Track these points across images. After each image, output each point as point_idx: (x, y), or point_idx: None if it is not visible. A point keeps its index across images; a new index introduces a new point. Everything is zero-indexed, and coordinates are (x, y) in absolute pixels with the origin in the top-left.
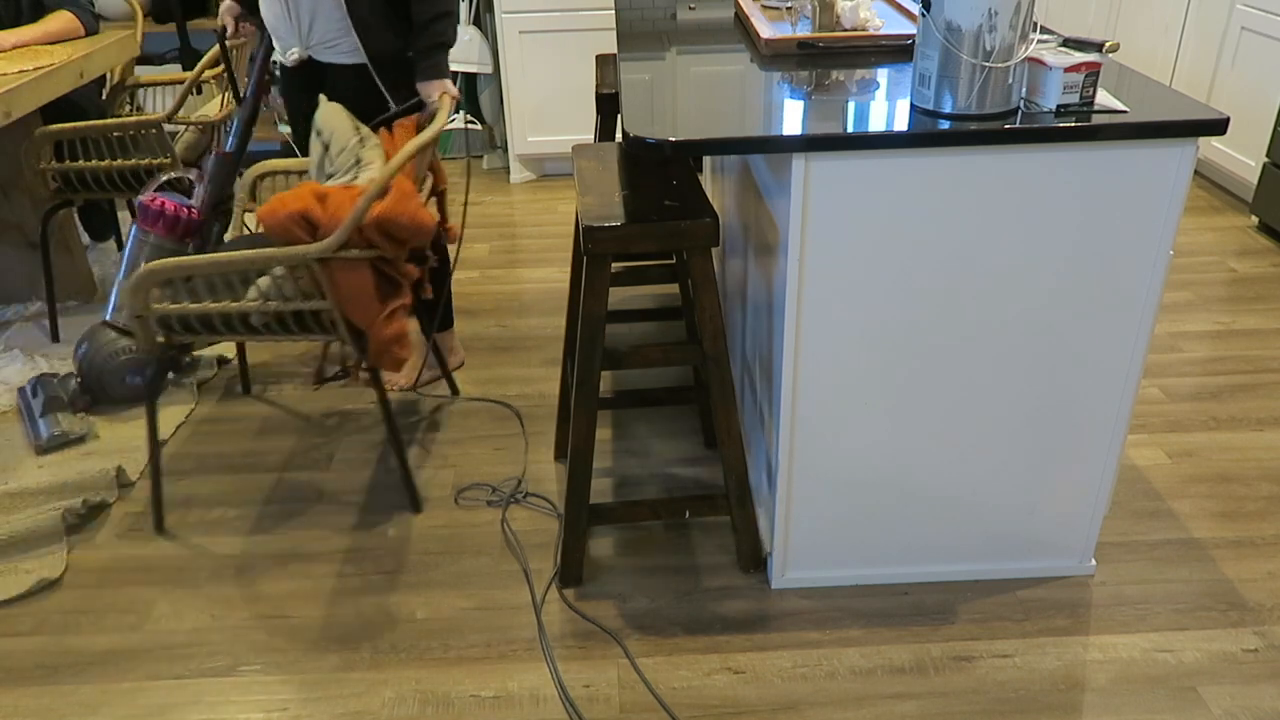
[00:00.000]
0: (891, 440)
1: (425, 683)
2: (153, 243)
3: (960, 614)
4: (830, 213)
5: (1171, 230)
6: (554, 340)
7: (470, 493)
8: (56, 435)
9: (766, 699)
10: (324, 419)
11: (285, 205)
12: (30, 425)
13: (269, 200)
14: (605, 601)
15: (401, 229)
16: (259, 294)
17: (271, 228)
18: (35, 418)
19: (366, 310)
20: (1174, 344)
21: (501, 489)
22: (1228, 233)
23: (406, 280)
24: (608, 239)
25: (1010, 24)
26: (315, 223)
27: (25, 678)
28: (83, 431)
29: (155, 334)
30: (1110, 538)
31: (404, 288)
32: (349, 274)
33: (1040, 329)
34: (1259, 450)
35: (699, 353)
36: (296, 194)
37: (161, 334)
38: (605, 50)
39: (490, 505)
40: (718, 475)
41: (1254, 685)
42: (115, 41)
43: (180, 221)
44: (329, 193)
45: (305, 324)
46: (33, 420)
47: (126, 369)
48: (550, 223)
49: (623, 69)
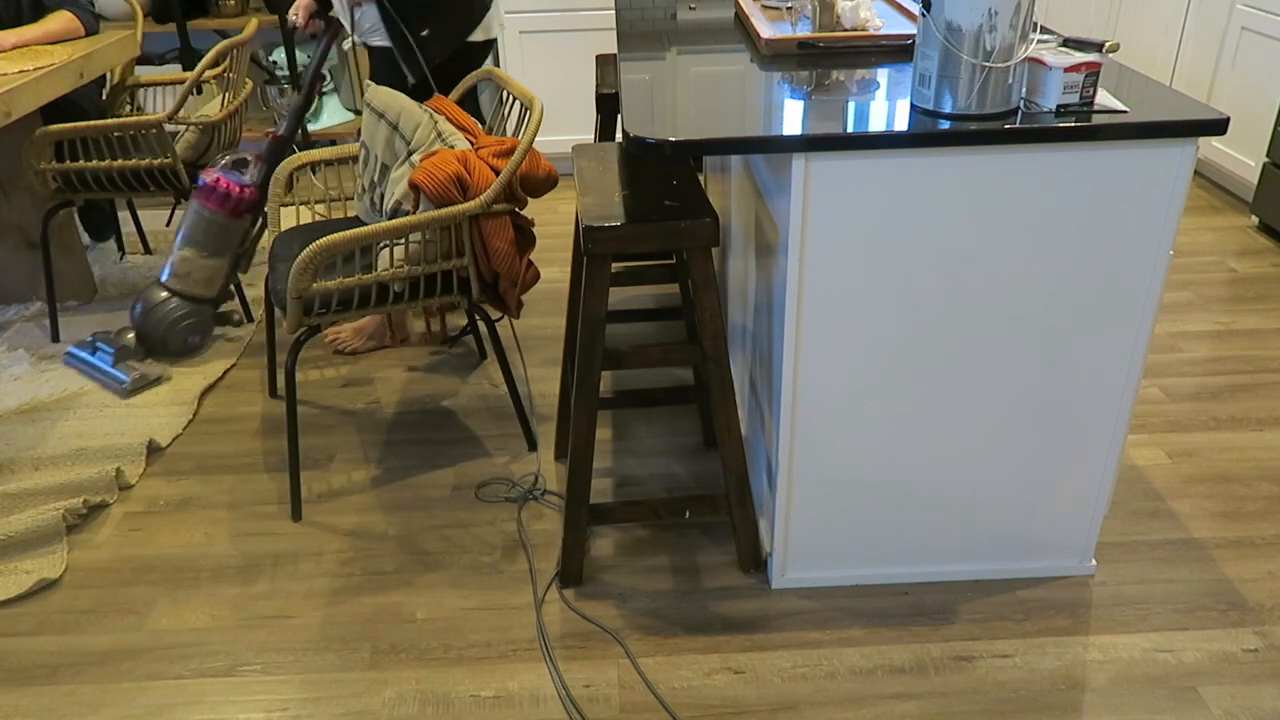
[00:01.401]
0: (891, 440)
1: (425, 683)
2: (208, 217)
3: (960, 614)
4: (830, 213)
5: (1171, 230)
6: (554, 340)
7: (492, 487)
8: (138, 379)
9: (766, 699)
10: (324, 419)
11: (442, 169)
12: (106, 377)
13: (421, 166)
14: (605, 601)
15: (538, 183)
16: (399, 260)
17: (433, 192)
18: (108, 369)
19: (513, 260)
20: (1174, 344)
21: (520, 484)
22: (1228, 233)
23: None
24: (608, 239)
25: (1010, 24)
26: (466, 185)
27: (25, 678)
28: (160, 373)
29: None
30: (1110, 538)
31: (533, 236)
32: (495, 227)
33: (1040, 329)
34: (1259, 450)
35: (699, 353)
36: (444, 159)
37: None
38: (605, 50)
39: (509, 501)
40: (718, 475)
41: (1254, 685)
42: (115, 41)
43: (232, 199)
44: (468, 158)
45: (435, 287)
46: (106, 372)
47: (187, 331)
48: (550, 223)
49: (623, 69)
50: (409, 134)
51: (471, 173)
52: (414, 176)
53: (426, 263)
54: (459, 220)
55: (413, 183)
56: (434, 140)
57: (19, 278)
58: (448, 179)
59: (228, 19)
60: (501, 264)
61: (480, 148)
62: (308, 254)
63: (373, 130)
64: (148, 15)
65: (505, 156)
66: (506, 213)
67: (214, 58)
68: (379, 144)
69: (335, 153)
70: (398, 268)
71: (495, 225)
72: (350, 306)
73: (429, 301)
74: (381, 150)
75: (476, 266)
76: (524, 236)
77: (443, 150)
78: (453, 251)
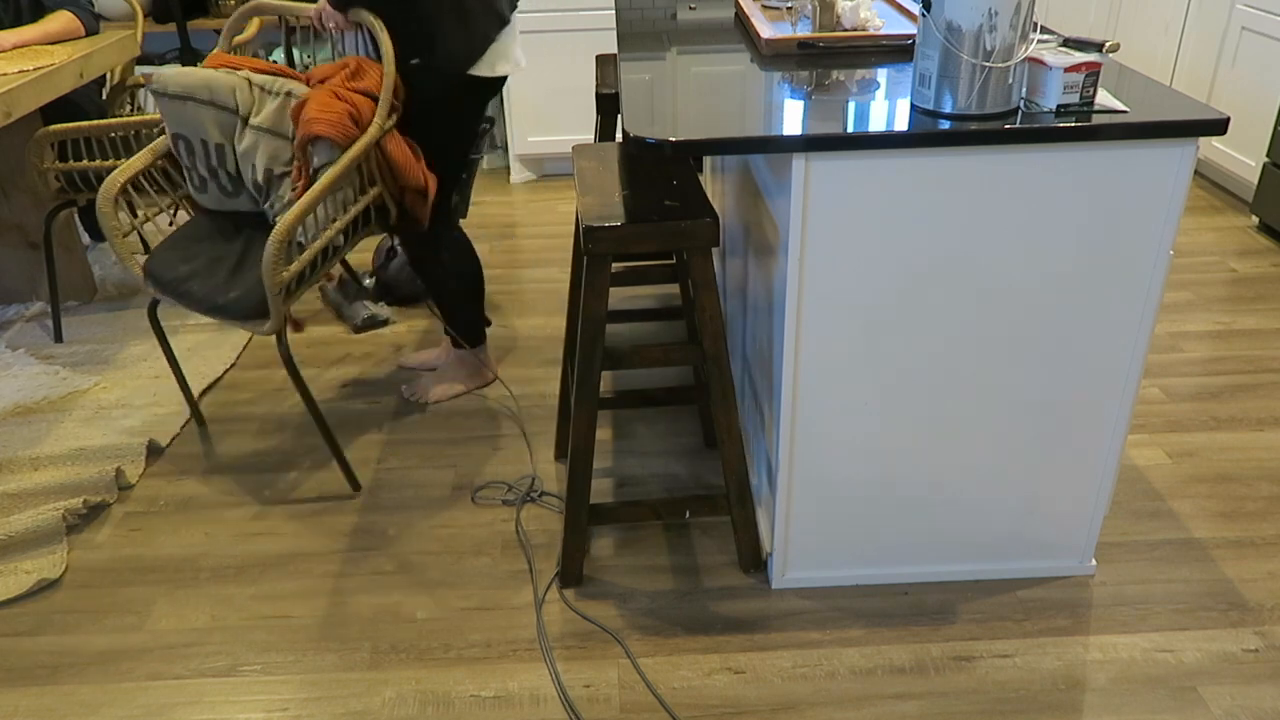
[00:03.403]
0: (891, 440)
1: (425, 683)
2: None
3: (960, 614)
4: (830, 213)
5: (1171, 230)
6: (554, 340)
7: (486, 491)
8: (367, 318)
9: (767, 699)
10: (324, 419)
11: (330, 109)
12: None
13: (309, 118)
14: (605, 601)
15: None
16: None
17: (337, 134)
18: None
19: (414, 168)
20: (1174, 344)
21: (517, 486)
22: (1228, 233)
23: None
24: (608, 239)
25: (1010, 24)
26: (357, 116)
27: (25, 678)
28: (387, 315)
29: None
30: (1110, 538)
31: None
32: (395, 143)
33: (1040, 329)
34: (1259, 450)
35: (699, 353)
36: (321, 102)
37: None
38: (605, 50)
39: (506, 504)
40: (718, 475)
41: (1254, 685)
42: (115, 41)
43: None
44: (337, 90)
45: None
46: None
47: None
48: (550, 223)
49: (623, 69)
50: (231, 103)
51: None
52: (313, 129)
53: (346, 208)
54: (369, 150)
55: (311, 135)
56: (263, 98)
57: (19, 278)
58: (342, 117)
59: (228, 19)
60: (410, 176)
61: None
62: (276, 244)
63: (185, 116)
64: (148, 15)
65: (356, 78)
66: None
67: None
68: (205, 126)
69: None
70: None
71: (394, 142)
72: (304, 281)
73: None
74: (211, 131)
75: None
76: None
77: (312, 93)
78: (366, 184)
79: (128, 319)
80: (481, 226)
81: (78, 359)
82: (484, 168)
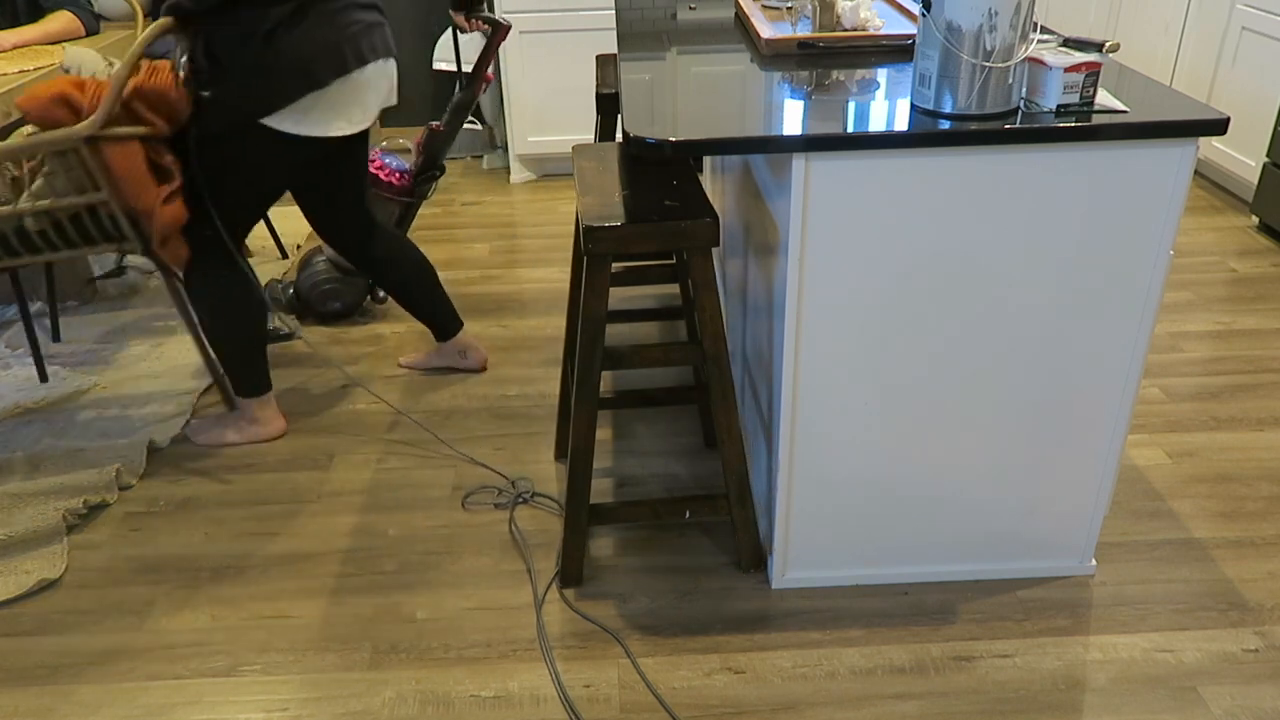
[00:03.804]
0: (892, 440)
1: (425, 683)
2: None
3: (960, 614)
4: (830, 213)
5: (1171, 230)
6: (554, 340)
7: (478, 495)
8: (271, 330)
9: (767, 699)
10: (325, 419)
11: (47, 89)
12: None
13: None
14: (605, 601)
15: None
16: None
17: (33, 113)
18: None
19: (144, 190)
20: (1174, 344)
21: (510, 489)
22: (1228, 233)
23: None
24: (608, 239)
25: (1010, 24)
26: (77, 106)
27: (25, 678)
28: (294, 329)
29: None
30: (1110, 538)
31: (175, 174)
32: (120, 154)
33: (1040, 329)
34: (1259, 450)
35: (699, 353)
36: (52, 82)
37: None
38: (605, 50)
39: (498, 507)
40: (718, 475)
41: (1254, 685)
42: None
43: (382, 180)
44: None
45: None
46: None
47: (328, 295)
48: (550, 223)
49: (623, 69)
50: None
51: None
52: (17, 100)
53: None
54: (73, 144)
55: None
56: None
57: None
58: (51, 99)
59: None
60: (127, 192)
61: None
62: None
63: None
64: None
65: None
66: (131, 137)
67: None
68: None
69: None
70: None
71: (118, 151)
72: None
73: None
74: None
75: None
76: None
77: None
78: (86, 184)
79: (126, 319)
80: (482, 226)
81: (77, 359)
82: (484, 168)
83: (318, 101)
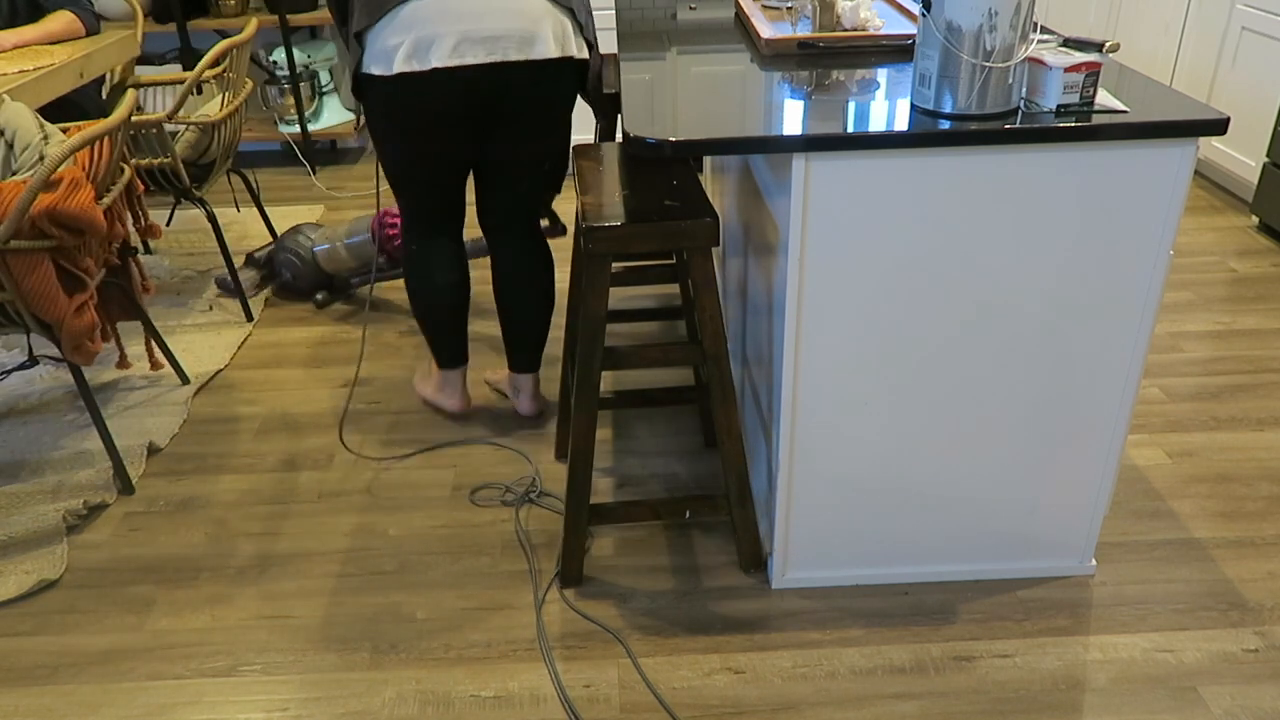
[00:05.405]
0: (892, 440)
1: (425, 683)
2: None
3: (960, 614)
4: (830, 213)
5: (1171, 230)
6: (554, 340)
7: (484, 492)
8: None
9: (767, 699)
10: (325, 419)
11: None
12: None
13: None
14: (605, 601)
15: (72, 219)
16: None
17: None
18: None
19: (52, 304)
20: (1174, 344)
21: (514, 488)
22: (1228, 233)
23: (89, 276)
24: (608, 239)
25: (1010, 24)
26: None
27: (25, 678)
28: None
29: None
30: (1110, 538)
31: (88, 282)
32: (27, 267)
33: (1040, 329)
34: (1259, 450)
35: (699, 353)
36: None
37: None
38: (605, 50)
39: (506, 504)
40: (718, 475)
41: (1254, 685)
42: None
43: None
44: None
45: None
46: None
47: (285, 265)
48: None
49: (623, 69)
50: (19, 153)
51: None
52: None
53: None
54: None
55: None
56: (36, 163)
57: None
58: None
59: (228, 19)
60: (34, 305)
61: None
62: None
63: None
64: (148, 15)
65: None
66: (39, 250)
67: (214, 58)
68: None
69: None
70: None
71: (24, 263)
72: None
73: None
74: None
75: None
76: (71, 280)
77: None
78: None
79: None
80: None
81: None
82: None
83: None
